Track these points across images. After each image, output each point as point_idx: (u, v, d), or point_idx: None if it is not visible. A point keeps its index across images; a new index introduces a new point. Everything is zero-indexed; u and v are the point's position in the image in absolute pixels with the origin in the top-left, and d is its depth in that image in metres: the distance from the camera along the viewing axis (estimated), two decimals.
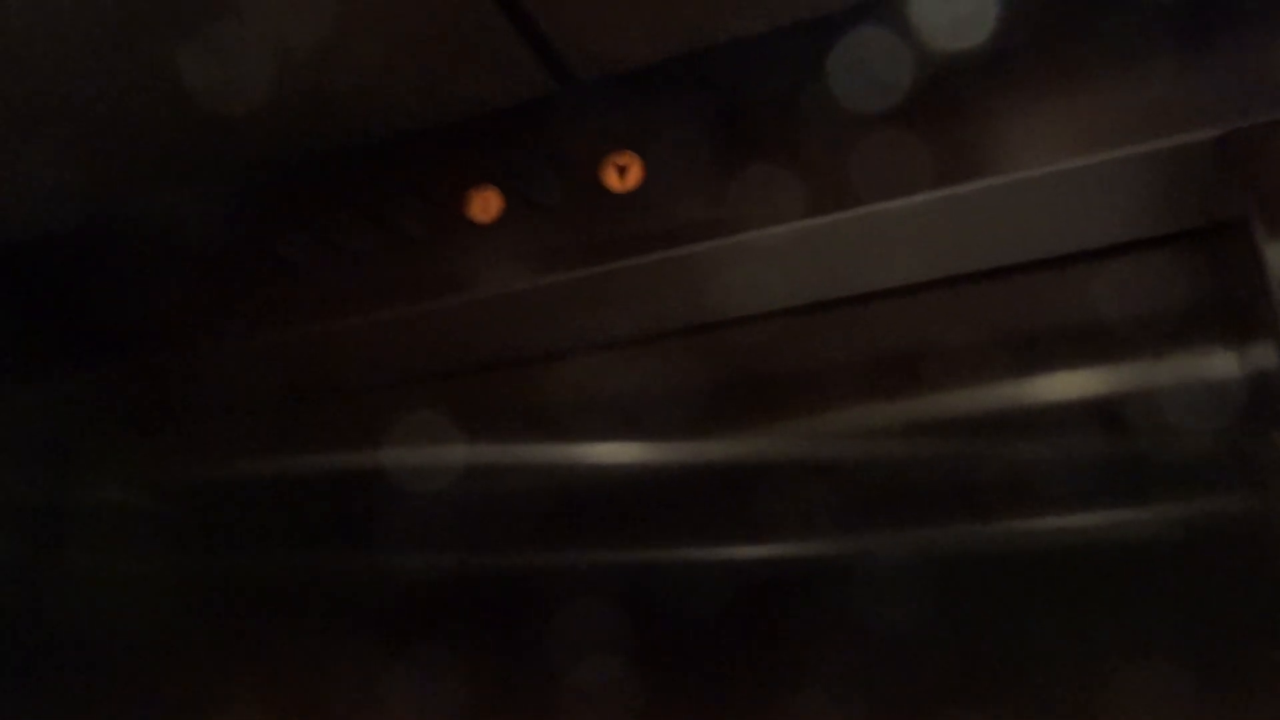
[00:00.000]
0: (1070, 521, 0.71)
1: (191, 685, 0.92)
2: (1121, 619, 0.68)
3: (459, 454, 0.88)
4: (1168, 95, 0.67)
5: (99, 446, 0.98)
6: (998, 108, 0.70)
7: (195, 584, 0.96)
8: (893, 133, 0.73)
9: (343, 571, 0.90)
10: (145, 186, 0.88)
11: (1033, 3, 0.70)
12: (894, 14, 0.73)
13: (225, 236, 0.87)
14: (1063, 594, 0.69)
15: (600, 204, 0.78)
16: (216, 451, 0.96)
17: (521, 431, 0.86)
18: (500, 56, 0.75)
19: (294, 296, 0.84)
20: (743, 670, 0.75)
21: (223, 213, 0.88)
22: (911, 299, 0.81)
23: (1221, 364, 0.71)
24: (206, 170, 0.86)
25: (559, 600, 0.82)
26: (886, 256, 0.76)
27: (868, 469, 0.77)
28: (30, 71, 0.75)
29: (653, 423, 0.84)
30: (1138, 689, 0.66)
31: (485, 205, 0.81)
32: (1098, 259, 0.77)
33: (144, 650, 0.96)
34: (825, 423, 0.79)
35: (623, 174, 0.78)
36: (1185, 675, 0.65)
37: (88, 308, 0.93)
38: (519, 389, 0.88)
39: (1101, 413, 0.73)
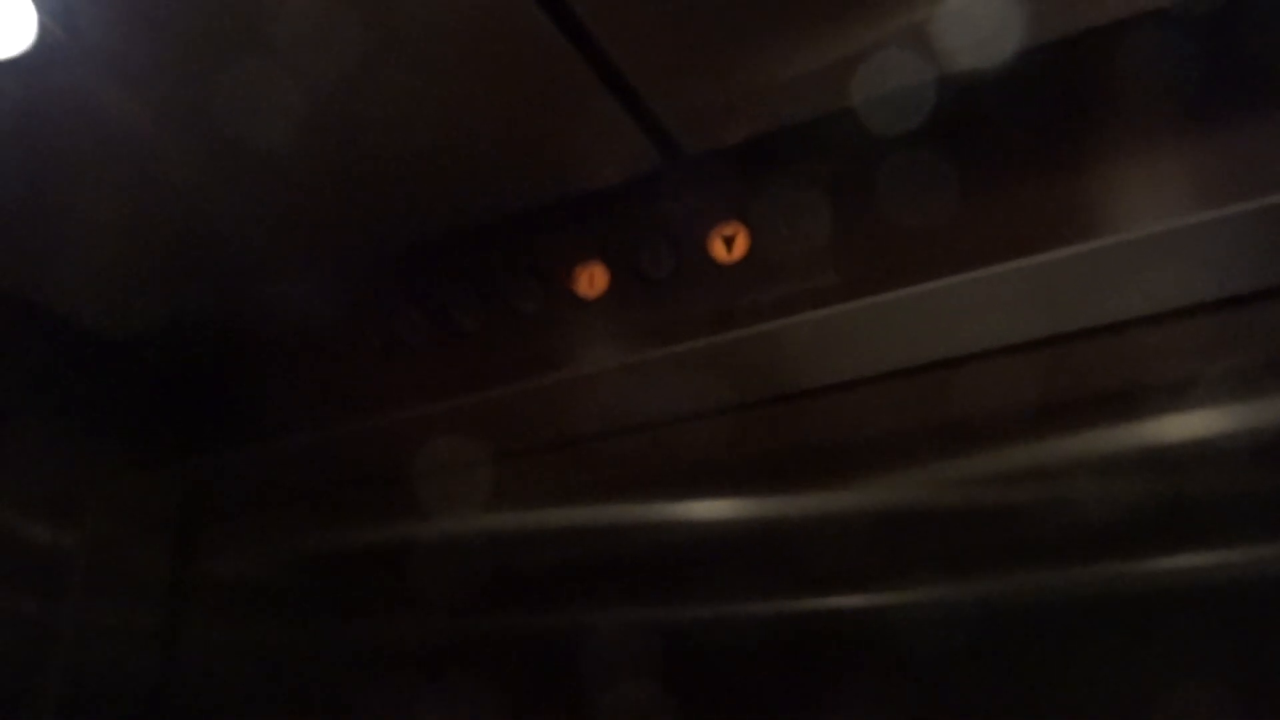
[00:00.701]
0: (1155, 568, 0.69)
1: None
2: (1180, 669, 0.65)
3: (551, 519, 0.89)
4: None
5: (224, 523, 1.02)
6: (1121, 165, 0.70)
7: (309, 648, 0.98)
8: (1009, 194, 0.72)
9: (449, 632, 0.91)
10: (267, 275, 0.91)
11: (1154, 68, 0.70)
12: (1004, 77, 0.73)
13: (344, 321, 0.90)
14: (1121, 645, 0.68)
15: (708, 276, 0.79)
16: (333, 523, 0.98)
17: (610, 496, 0.87)
18: (608, 134, 0.76)
19: (410, 377, 0.86)
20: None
21: (342, 298, 0.91)
22: (1022, 356, 0.79)
23: None
24: (327, 256, 0.90)
25: (644, 655, 0.82)
26: (998, 317, 0.75)
27: (965, 518, 0.76)
28: (143, 180, 0.80)
29: (726, 485, 0.83)
30: None
31: (592, 281, 0.82)
32: (1220, 310, 0.75)
33: (263, 707, 0.98)
34: (909, 479, 0.78)
35: (730, 245, 0.79)
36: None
37: (215, 394, 0.98)
38: (609, 456, 0.88)
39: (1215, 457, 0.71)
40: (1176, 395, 0.72)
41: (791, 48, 0.70)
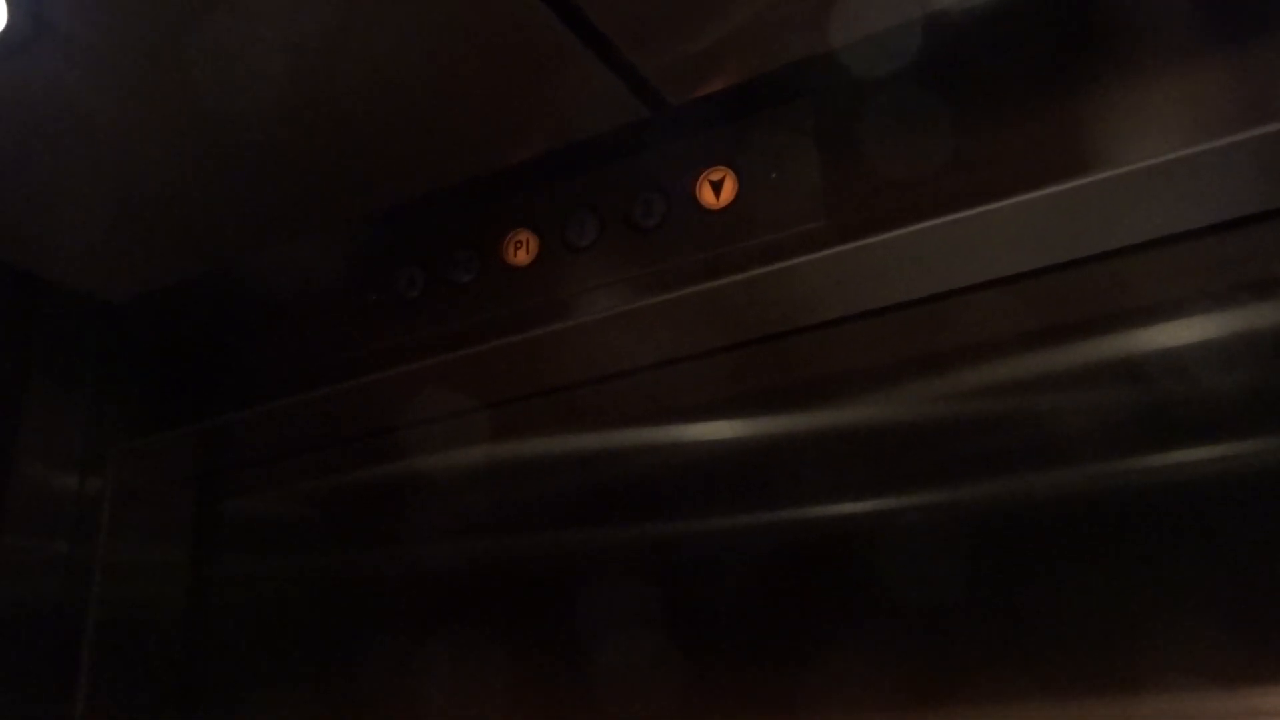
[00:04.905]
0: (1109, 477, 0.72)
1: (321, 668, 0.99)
2: (1159, 575, 0.68)
3: (553, 456, 0.91)
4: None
5: (241, 471, 1.05)
6: (1109, 99, 0.69)
7: (326, 579, 1.03)
8: (996, 132, 0.72)
9: (450, 561, 0.95)
10: (254, 239, 0.92)
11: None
12: (990, 14, 0.71)
13: (341, 280, 0.91)
14: (1097, 552, 0.71)
15: (697, 222, 0.79)
16: (340, 468, 1.02)
17: (606, 434, 0.89)
18: (591, 89, 0.76)
19: (410, 330, 0.88)
20: (777, 639, 0.78)
21: (338, 258, 0.92)
22: (1011, 287, 0.80)
23: None
24: (318, 218, 0.90)
25: (646, 573, 0.85)
26: (989, 254, 0.76)
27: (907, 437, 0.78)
28: (148, 160, 0.79)
29: (720, 418, 0.85)
30: (1175, 646, 0.67)
31: (582, 231, 0.83)
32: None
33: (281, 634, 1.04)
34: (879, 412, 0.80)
35: (718, 190, 0.79)
36: (1223, 631, 0.66)
37: (222, 353, 1.00)
38: (607, 399, 0.90)
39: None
40: (1161, 316, 0.74)
41: None
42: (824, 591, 0.79)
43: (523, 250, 0.85)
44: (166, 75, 0.72)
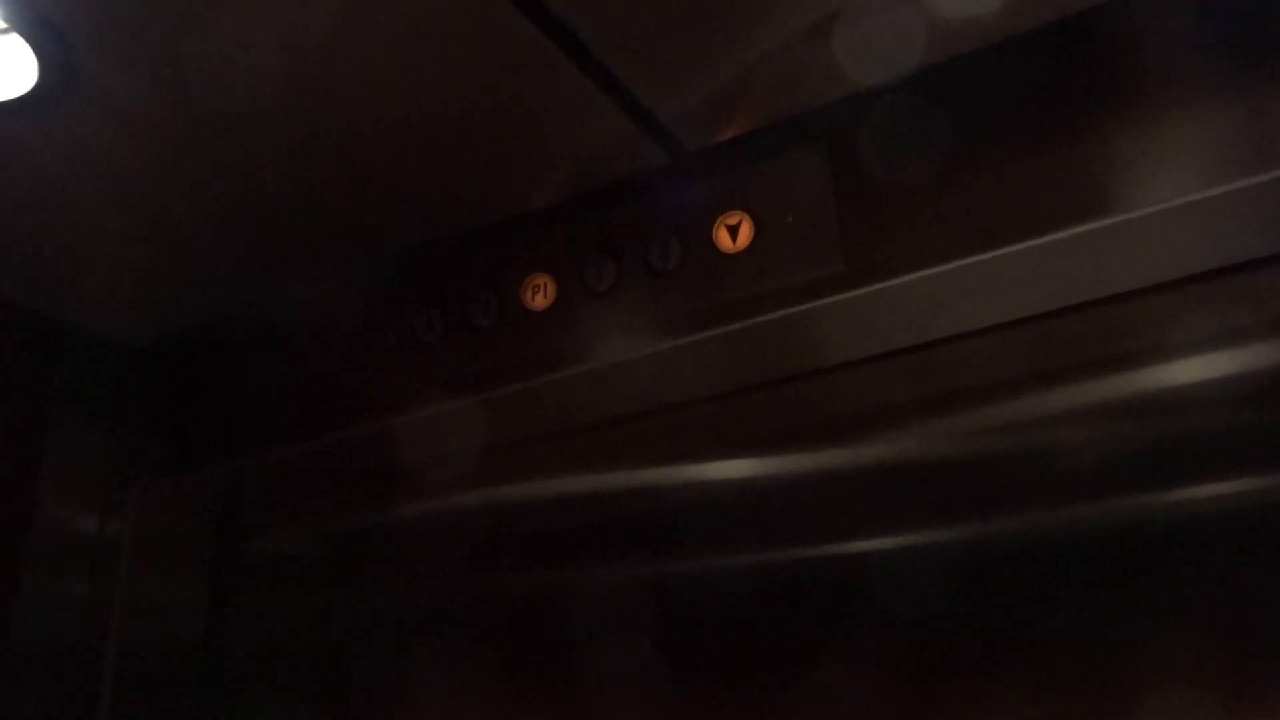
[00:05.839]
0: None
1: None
2: (1150, 604, 0.68)
3: (580, 494, 0.92)
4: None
5: (260, 511, 1.06)
6: (1121, 142, 0.69)
7: (339, 619, 1.03)
8: (1010, 173, 0.72)
9: (458, 595, 0.96)
10: (270, 283, 0.93)
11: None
12: (1004, 59, 0.72)
13: (360, 322, 0.92)
14: (1088, 581, 0.71)
15: (714, 266, 0.80)
16: (355, 507, 1.03)
17: (623, 471, 0.90)
18: (610, 136, 0.77)
19: (427, 373, 0.88)
20: (774, 663, 0.79)
21: (355, 299, 0.93)
22: (1022, 329, 0.80)
23: None
24: (338, 260, 0.91)
25: (659, 603, 0.85)
26: (1001, 297, 0.76)
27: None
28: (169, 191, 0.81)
29: (735, 457, 0.85)
30: (1176, 681, 0.67)
31: (600, 275, 0.83)
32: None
33: (303, 674, 1.04)
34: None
35: (734, 234, 0.80)
36: (1212, 654, 0.66)
37: (241, 395, 1.01)
38: (625, 438, 0.90)
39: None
40: (1160, 357, 0.74)
41: (783, 36, 0.70)
42: (856, 627, 0.78)
43: (541, 294, 0.85)
44: (188, 123, 0.73)
